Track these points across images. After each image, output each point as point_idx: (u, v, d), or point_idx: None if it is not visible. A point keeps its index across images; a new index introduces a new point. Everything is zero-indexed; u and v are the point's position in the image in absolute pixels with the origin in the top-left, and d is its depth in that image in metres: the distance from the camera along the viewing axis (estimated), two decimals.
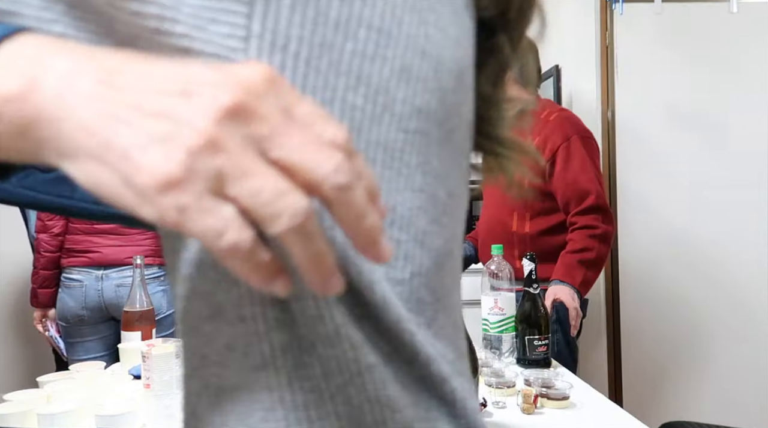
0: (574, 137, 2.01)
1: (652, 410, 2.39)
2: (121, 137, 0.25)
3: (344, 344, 0.34)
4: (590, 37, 2.57)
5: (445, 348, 0.40)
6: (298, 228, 0.26)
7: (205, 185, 0.25)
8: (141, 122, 0.25)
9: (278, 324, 0.35)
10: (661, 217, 2.56)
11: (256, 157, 0.26)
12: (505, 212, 2.15)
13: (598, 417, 1.38)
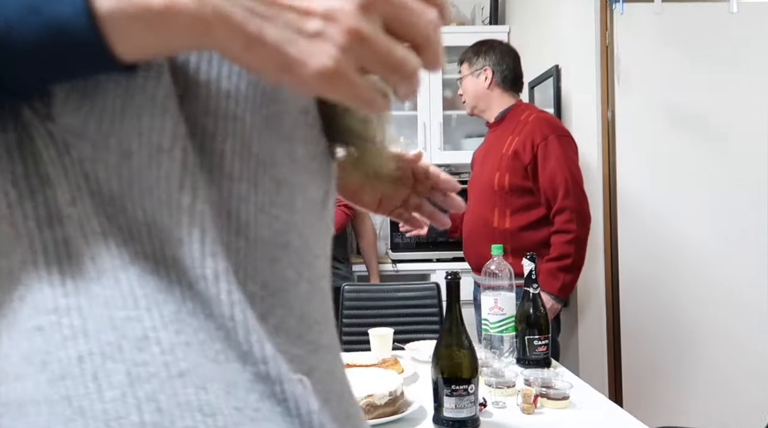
0: (552, 136, 2.11)
1: (651, 410, 2.39)
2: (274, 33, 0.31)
3: (153, 348, 0.33)
4: (590, 37, 2.56)
5: (289, 344, 0.39)
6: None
7: (355, 68, 0.33)
8: (299, 19, 0.32)
9: (75, 332, 0.33)
10: (661, 217, 2.56)
11: (387, 37, 0.34)
12: (487, 208, 2.23)
13: (598, 417, 1.38)
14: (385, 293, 2.37)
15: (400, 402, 1.34)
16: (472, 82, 2.35)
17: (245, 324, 0.36)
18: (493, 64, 2.31)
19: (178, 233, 0.34)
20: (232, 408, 0.35)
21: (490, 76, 2.31)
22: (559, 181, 2.08)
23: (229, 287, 0.35)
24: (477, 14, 3.60)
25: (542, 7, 2.95)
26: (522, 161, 2.15)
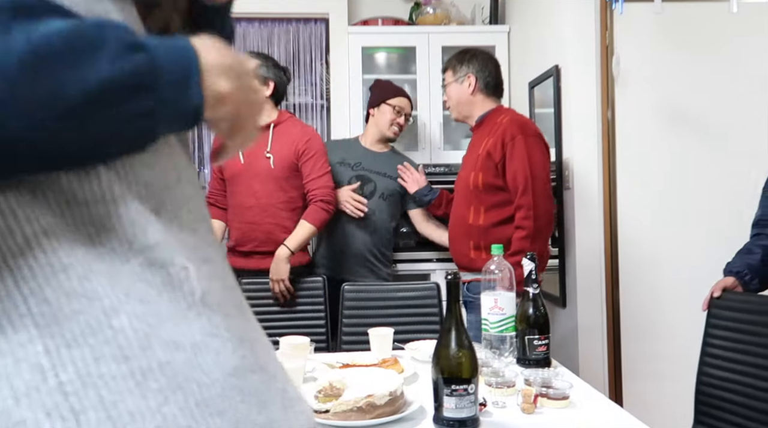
0: (519, 136, 2.21)
1: (652, 410, 2.39)
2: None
3: (36, 252, 0.38)
4: (590, 37, 2.56)
5: (184, 234, 0.45)
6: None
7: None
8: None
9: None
10: (660, 217, 2.56)
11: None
12: (465, 206, 2.34)
13: (598, 417, 1.38)
14: (385, 293, 2.37)
15: (400, 401, 1.34)
16: (456, 89, 2.43)
17: (129, 217, 0.41)
18: (476, 71, 2.40)
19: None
20: (120, 293, 0.39)
21: (474, 82, 2.39)
22: (519, 179, 2.18)
23: (113, 186, 0.41)
24: (477, 14, 3.60)
25: (542, 7, 2.95)
26: (493, 160, 2.25)
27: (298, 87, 3.99)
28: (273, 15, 3.71)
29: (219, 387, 0.41)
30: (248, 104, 0.52)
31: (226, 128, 0.52)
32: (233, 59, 0.49)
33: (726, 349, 1.70)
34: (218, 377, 0.41)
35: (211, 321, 0.43)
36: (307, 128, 2.70)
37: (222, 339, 0.43)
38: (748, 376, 1.62)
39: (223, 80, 0.48)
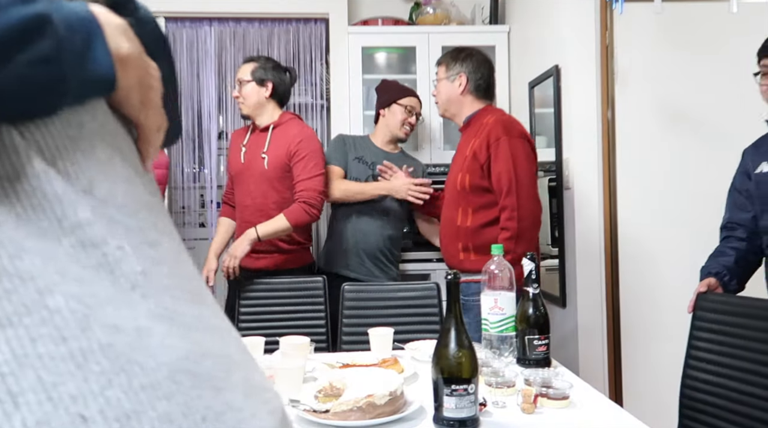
0: (503, 138, 2.21)
1: (652, 410, 2.38)
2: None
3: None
4: (590, 36, 2.56)
5: (122, 215, 0.44)
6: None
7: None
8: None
9: None
10: (660, 217, 2.56)
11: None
12: (453, 207, 2.36)
13: (598, 417, 1.38)
14: (385, 293, 2.37)
15: (400, 401, 1.34)
16: (446, 86, 2.44)
17: (56, 194, 0.40)
18: (469, 71, 2.39)
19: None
20: (54, 274, 0.38)
21: (464, 82, 2.39)
22: (503, 180, 2.18)
23: (33, 161, 0.40)
24: (477, 14, 3.60)
25: (542, 7, 2.95)
26: (479, 161, 2.25)
27: (298, 87, 3.99)
28: (273, 15, 3.71)
29: (166, 370, 0.39)
30: (148, 76, 0.50)
31: (137, 101, 0.49)
32: (126, 24, 0.48)
33: (710, 352, 1.70)
34: (166, 360, 0.40)
35: (158, 304, 0.42)
36: (304, 129, 2.69)
37: (171, 323, 0.42)
38: (732, 379, 1.61)
39: (124, 41, 0.46)
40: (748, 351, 1.59)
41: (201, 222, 4.09)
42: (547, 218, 2.93)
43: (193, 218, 4.00)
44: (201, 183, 4.01)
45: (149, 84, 0.50)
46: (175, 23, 3.72)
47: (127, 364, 0.38)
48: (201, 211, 4.08)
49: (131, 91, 0.48)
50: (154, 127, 0.52)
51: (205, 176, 3.94)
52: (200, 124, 3.84)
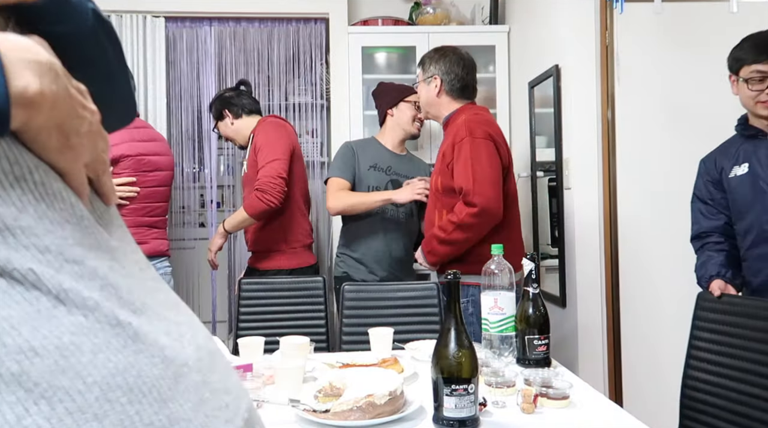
0: (466, 138, 2.22)
1: (652, 410, 2.38)
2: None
3: None
4: (590, 36, 2.56)
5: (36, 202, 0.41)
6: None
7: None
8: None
9: None
10: (661, 217, 2.56)
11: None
12: (432, 209, 2.39)
13: (598, 417, 1.38)
14: (385, 293, 2.37)
15: (400, 401, 1.34)
16: (423, 89, 2.46)
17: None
18: (443, 73, 2.40)
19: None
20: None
21: (439, 84, 2.40)
22: (461, 181, 2.18)
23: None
24: (477, 14, 3.60)
25: (542, 7, 2.95)
26: (446, 161, 2.28)
27: (298, 87, 3.99)
28: (273, 15, 3.72)
29: (97, 389, 0.37)
30: (74, 118, 0.44)
31: (55, 144, 0.43)
32: (47, 57, 0.42)
33: (711, 352, 1.69)
34: (97, 379, 0.37)
35: (88, 318, 0.40)
36: (266, 125, 2.82)
37: (104, 335, 0.40)
38: (732, 380, 1.61)
39: (33, 78, 0.40)
40: (748, 352, 1.58)
41: (201, 222, 4.09)
42: (547, 218, 2.93)
43: (193, 218, 4.00)
44: (201, 183, 4.01)
45: (75, 128, 0.44)
46: (175, 23, 3.72)
47: (48, 390, 0.36)
48: (201, 211, 4.08)
49: (43, 134, 0.42)
50: (79, 172, 0.46)
51: (205, 176, 3.94)
52: (200, 124, 3.84)
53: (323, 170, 4.08)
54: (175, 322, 0.47)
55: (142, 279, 0.48)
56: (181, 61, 3.80)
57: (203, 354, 0.47)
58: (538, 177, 2.99)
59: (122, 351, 0.40)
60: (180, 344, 0.45)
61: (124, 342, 0.40)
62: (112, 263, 0.46)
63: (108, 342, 0.40)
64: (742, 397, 1.57)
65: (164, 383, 0.41)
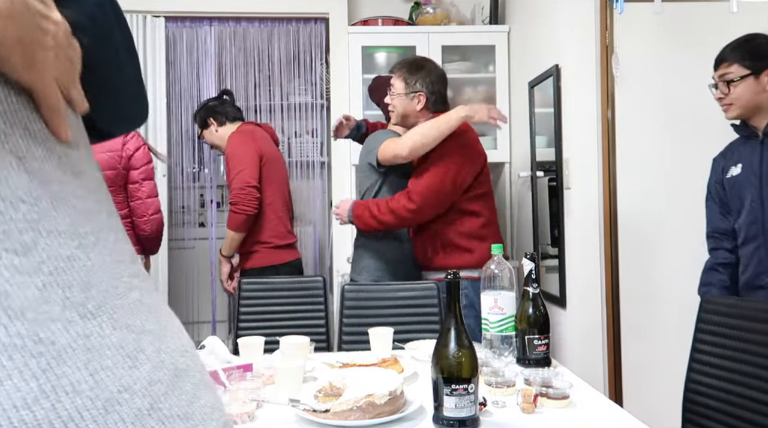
0: (445, 144, 2.33)
1: (652, 410, 2.38)
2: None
3: None
4: (590, 36, 2.56)
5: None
6: None
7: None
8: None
9: None
10: (661, 217, 2.56)
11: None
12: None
13: (598, 416, 1.38)
14: (385, 293, 2.37)
15: (400, 401, 1.34)
16: (403, 102, 2.46)
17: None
18: (429, 91, 2.44)
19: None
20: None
21: (424, 101, 2.44)
22: (415, 178, 2.37)
23: None
24: (477, 14, 3.60)
25: (542, 7, 2.95)
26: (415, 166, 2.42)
27: (298, 87, 4.00)
28: (273, 15, 3.72)
29: (6, 421, 0.32)
30: (36, 31, 0.41)
31: (19, 60, 0.40)
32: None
33: (714, 355, 1.67)
34: (5, 408, 0.32)
35: (8, 331, 0.33)
36: (233, 132, 2.96)
37: (20, 356, 0.33)
38: (736, 384, 1.59)
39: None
40: (753, 356, 1.56)
41: (201, 222, 4.09)
42: (547, 218, 2.93)
43: (193, 218, 4.00)
44: (201, 183, 4.01)
45: (38, 41, 0.41)
46: (175, 23, 3.72)
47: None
48: (201, 211, 4.09)
49: (4, 49, 0.39)
50: (48, 88, 0.42)
51: (205, 176, 3.94)
52: None
53: (323, 170, 4.08)
54: (138, 331, 0.41)
55: (115, 273, 0.42)
56: (181, 61, 3.80)
57: (162, 374, 0.41)
58: (538, 177, 2.99)
59: (39, 377, 0.34)
60: (130, 362, 0.39)
61: (46, 364, 0.34)
62: (76, 252, 0.40)
63: (24, 365, 0.33)
64: (745, 402, 1.55)
65: (88, 415, 0.35)
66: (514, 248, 3.41)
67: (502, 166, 3.48)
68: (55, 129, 0.42)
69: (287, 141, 4.09)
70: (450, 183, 2.34)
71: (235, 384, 1.48)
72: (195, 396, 0.43)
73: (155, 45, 3.48)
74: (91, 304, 0.38)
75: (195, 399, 0.43)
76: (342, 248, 3.48)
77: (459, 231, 2.40)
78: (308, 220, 4.10)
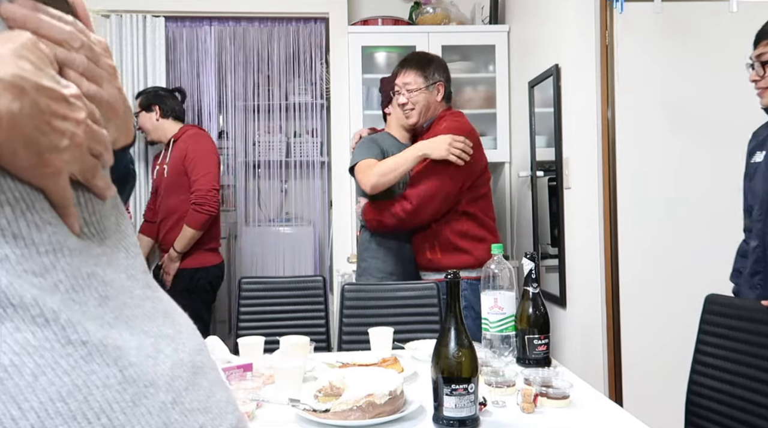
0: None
1: (652, 410, 2.38)
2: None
3: None
4: (590, 36, 2.56)
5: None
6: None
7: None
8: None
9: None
10: (661, 216, 2.56)
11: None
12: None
13: (598, 416, 1.38)
14: (385, 293, 2.36)
15: (399, 401, 1.34)
16: (426, 96, 2.49)
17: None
18: (445, 79, 2.51)
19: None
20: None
21: (442, 90, 2.49)
22: (414, 180, 2.37)
23: None
24: (477, 14, 3.60)
25: (542, 7, 2.95)
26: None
27: (298, 87, 4.00)
28: (273, 15, 3.71)
29: (34, 416, 0.34)
30: (47, 133, 0.40)
31: (26, 163, 0.39)
32: (11, 73, 0.38)
33: (717, 357, 1.64)
34: (34, 404, 0.34)
35: (36, 336, 0.36)
36: (199, 138, 3.05)
37: (52, 355, 0.36)
38: (738, 387, 1.56)
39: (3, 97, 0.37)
40: (758, 359, 1.53)
41: None
42: (547, 217, 2.93)
43: None
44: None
45: (49, 145, 0.40)
46: (175, 23, 3.72)
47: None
48: None
49: (6, 153, 0.38)
50: (57, 188, 0.42)
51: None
52: (200, 124, 3.84)
53: (323, 169, 4.08)
54: (156, 335, 0.44)
55: (129, 287, 0.45)
56: (181, 61, 3.80)
57: (182, 371, 0.44)
58: (538, 177, 2.99)
59: (70, 372, 0.36)
60: (152, 361, 0.42)
61: (75, 363, 0.37)
62: (95, 269, 0.42)
63: (55, 363, 0.36)
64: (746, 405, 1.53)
65: (117, 407, 0.37)
66: (514, 248, 3.41)
67: (502, 166, 3.48)
68: (67, 223, 0.43)
69: (287, 141, 4.09)
70: (450, 185, 2.35)
71: (235, 383, 1.48)
72: (211, 391, 0.46)
73: (155, 45, 3.48)
74: (109, 316, 0.41)
75: (212, 394, 0.46)
76: (342, 248, 3.48)
77: (457, 232, 2.40)
78: (308, 220, 4.10)
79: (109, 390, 0.38)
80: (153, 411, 0.39)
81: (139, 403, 0.39)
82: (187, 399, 0.42)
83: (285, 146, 4.07)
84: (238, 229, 4.05)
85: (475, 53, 3.57)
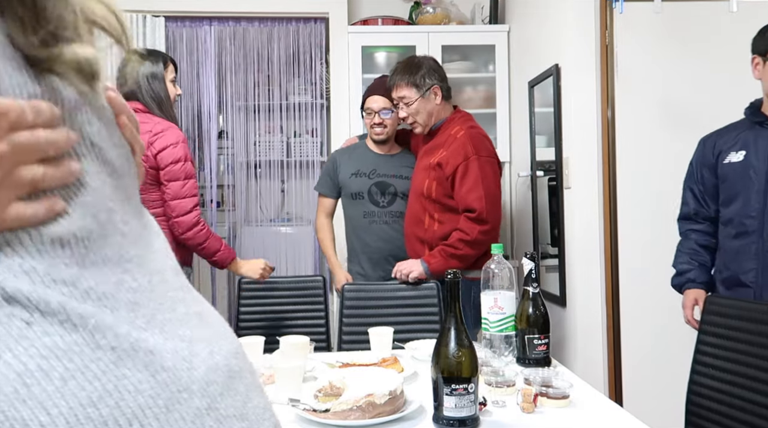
0: (473, 157, 2.31)
1: (652, 410, 2.38)
2: None
3: None
4: (590, 36, 2.56)
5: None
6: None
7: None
8: None
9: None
10: (661, 216, 2.56)
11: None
12: (420, 209, 2.45)
13: (598, 416, 1.38)
14: (385, 293, 2.36)
15: (399, 401, 1.34)
16: (423, 104, 2.46)
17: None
18: (438, 80, 2.47)
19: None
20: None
21: (439, 92, 2.46)
22: (472, 202, 2.27)
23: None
24: (477, 14, 3.60)
25: (542, 7, 2.94)
26: (445, 173, 2.34)
27: (298, 86, 4.00)
28: (273, 14, 3.71)
29: (63, 422, 0.33)
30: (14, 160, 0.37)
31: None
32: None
33: (717, 357, 1.64)
34: (63, 410, 0.33)
35: (65, 339, 0.35)
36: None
37: (81, 360, 0.35)
38: (738, 387, 1.56)
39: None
40: (758, 359, 1.53)
41: None
42: (546, 217, 2.93)
43: None
44: (201, 183, 4.01)
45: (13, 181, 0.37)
46: (175, 23, 3.71)
47: (4, 422, 0.32)
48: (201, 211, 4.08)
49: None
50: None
51: (205, 176, 3.94)
52: (200, 124, 3.84)
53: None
54: (190, 339, 0.43)
55: (161, 292, 0.44)
56: (181, 61, 3.80)
57: (217, 376, 0.43)
58: (538, 177, 2.99)
59: (100, 377, 0.36)
60: (187, 364, 0.41)
61: (105, 367, 0.36)
62: (123, 276, 0.42)
63: (85, 368, 0.35)
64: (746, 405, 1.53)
65: (150, 413, 0.37)
66: (514, 248, 3.41)
67: (502, 166, 3.48)
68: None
69: (287, 141, 4.09)
70: (494, 185, 2.34)
71: None
72: (248, 397, 0.45)
73: (155, 45, 3.48)
74: (140, 321, 0.40)
75: (248, 399, 0.45)
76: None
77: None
78: (308, 220, 4.10)
79: (141, 396, 0.37)
80: (187, 417, 0.39)
81: (173, 409, 0.38)
82: (223, 404, 0.42)
83: (285, 146, 4.07)
84: (238, 229, 4.05)
85: (475, 53, 3.57)
